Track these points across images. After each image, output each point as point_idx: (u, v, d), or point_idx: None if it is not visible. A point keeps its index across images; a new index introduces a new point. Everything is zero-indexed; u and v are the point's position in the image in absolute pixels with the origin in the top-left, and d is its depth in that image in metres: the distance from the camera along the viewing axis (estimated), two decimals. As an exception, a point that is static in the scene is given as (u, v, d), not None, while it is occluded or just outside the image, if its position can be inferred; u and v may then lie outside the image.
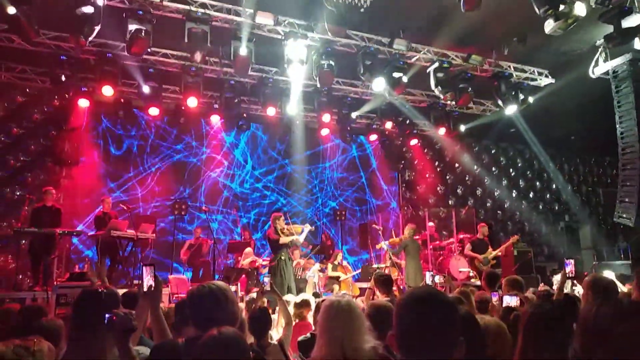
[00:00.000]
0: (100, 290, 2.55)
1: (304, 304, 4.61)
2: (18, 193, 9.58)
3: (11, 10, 6.72)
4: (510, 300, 3.62)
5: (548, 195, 15.82)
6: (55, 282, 7.53)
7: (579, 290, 6.17)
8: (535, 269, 11.08)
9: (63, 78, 8.87)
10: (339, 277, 9.57)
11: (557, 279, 8.96)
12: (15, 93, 9.97)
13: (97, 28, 7.21)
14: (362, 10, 7.89)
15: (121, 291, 3.99)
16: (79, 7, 6.97)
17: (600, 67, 9.17)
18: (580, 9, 6.97)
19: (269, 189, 12.31)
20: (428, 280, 4.80)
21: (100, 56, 8.99)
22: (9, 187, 9.60)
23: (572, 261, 4.25)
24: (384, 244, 9.83)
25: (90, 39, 7.43)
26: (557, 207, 15.79)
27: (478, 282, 8.74)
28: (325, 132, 12.46)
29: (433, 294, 1.57)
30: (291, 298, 5.11)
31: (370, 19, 8.30)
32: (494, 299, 4.38)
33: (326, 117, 11.21)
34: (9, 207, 9.44)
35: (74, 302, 2.74)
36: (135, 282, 7.85)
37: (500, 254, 9.92)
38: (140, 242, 8.65)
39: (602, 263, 11.94)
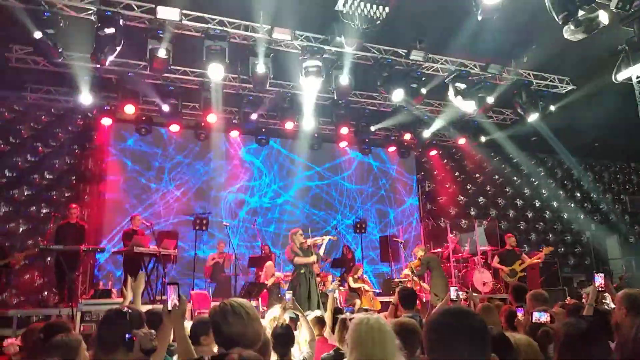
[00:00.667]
0: (125, 310, 2.55)
1: (319, 321, 4.64)
2: (44, 211, 9.80)
3: (37, 34, 6.92)
4: (541, 316, 3.50)
5: (572, 204, 15.43)
6: (80, 299, 7.62)
7: (607, 301, 5.97)
8: (562, 281, 10.79)
9: (88, 99, 9.07)
10: (360, 288, 9.46)
11: (586, 291, 8.70)
12: (40, 113, 10.25)
13: (119, 48, 7.37)
14: (378, 22, 7.89)
15: (144, 307, 4.02)
16: (102, 29, 7.14)
17: (623, 72, 8.94)
18: (603, 17, 6.78)
19: (288, 203, 12.31)
20: (453, 296, 4.70)
21: (121, 75, 9.19)
22: (35, 205, 9.82)
23: (602, 274, 4.10)
24: (408, 271, 9.72)
25: (111, 58, 7.59)
26: (582, 216, 15.39)
27: (504, 295, 8.53)
28: (343, 144, 12.46)
29: (464, 313, 1.54)
30: (315, 313, 5.10)
31: (386, 30, 8.28)
32: (519, 314, 4.25)
33: (344, 130, 11.21)
34: (35, 225, 9.66)
35: (100, 321, 2.76)
36: (158, 298, 7.90)
37: (538, 260, 9.72)
38: (163, 258, 8.71)
39: (631, 274, 11.59)
